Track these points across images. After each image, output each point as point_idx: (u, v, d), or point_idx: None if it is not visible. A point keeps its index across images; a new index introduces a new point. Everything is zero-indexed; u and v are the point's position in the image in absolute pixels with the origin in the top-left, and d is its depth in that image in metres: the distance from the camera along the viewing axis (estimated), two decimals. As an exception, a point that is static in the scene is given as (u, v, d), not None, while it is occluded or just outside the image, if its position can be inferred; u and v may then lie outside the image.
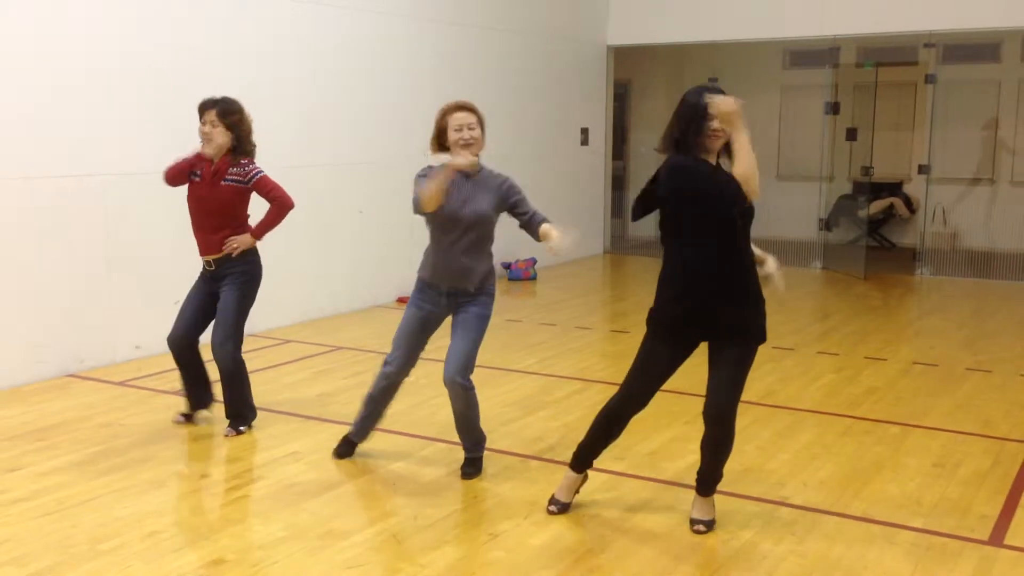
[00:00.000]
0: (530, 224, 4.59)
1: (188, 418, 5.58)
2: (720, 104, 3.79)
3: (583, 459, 4.35)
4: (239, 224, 5.30)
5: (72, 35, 6.52)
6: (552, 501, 4.36)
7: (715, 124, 3.83)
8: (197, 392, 5.54)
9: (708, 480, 4.20)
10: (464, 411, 4.71)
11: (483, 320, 4.67)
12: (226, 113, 5.17)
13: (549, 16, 11.57)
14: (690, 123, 3.88)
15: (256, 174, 5.24)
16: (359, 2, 8.78)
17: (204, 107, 5.21)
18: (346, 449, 5.05)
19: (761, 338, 4.02)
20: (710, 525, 4.17)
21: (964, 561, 3.91)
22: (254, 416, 5.51)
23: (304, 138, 8.31)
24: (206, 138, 5.18)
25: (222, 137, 5.17)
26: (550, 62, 11.61)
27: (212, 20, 7.46)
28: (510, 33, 10.86)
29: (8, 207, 6.26)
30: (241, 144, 5.22)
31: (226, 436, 5.35)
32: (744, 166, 3.82)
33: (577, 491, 4.39)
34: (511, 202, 4.63)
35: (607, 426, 4.24)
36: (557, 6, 11.74)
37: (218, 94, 5.30)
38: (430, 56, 9.67)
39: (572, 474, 4.36)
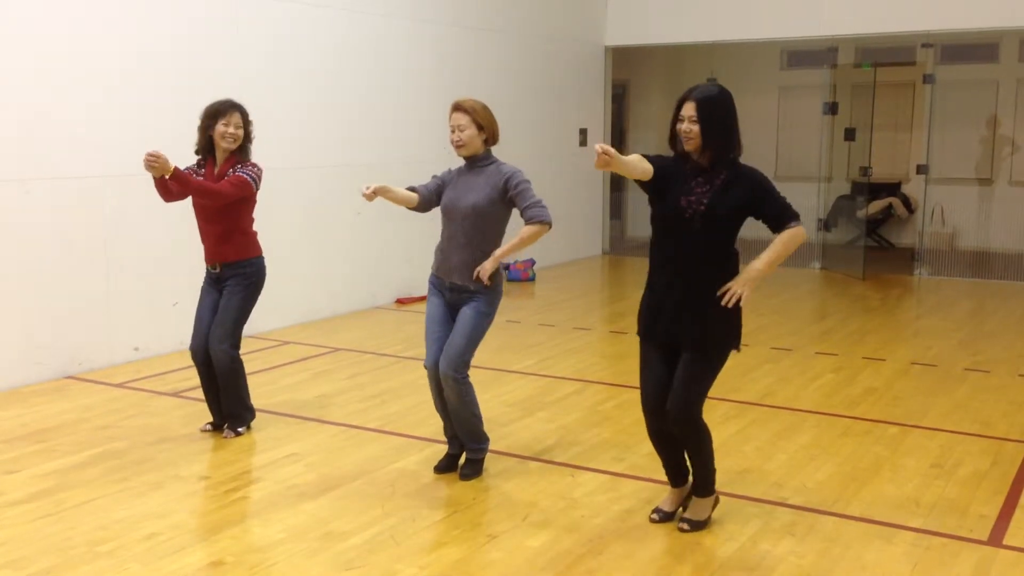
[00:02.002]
0: (525, 218, 4.59)
1: (217, 428, 5.52)
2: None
3: (667, 474, 4.32)
4: (244, 228, 5.30)
5: (71, 36, 6.52)
6: (655, 510, 4.32)
7: (682, 126, 3.90)
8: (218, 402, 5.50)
9: (695, 480, 4.21)
10: (456, 405, 4.66)
11: (479, 316, 4.62)
12: (246, 117, 5.25)
13: (547, 17, 11.57)
14: (673, 120, 3.98)
15: (244, 167, 5.20)
16: (358, 3, 8.78)
17: (228, 109, 5.20)
18: (447, 463, 4.88)
19: (702, 347, 3.98)
20: (695, 526, 4.16)
21: (963, 561, 3.91)
22: (252, 417, 5.50)
23: (303, 139, 8.30)
24: (232, 138, 5.19)
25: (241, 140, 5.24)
26: (548, 63, 11.61)
27: (212, 21, 7.46)
28: (508, 34, 10.86)
29: (7, 208, 6.25)
30: (245, 149, 5.26)
31: (224, 437, 5.36)
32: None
33: (683, 505, 4.29)
34: (510, 195, 4.58)
35: (650, 434, 4.22)
36: (555, 7, 11.74)
37: (217, 96, 5.30)
38: (429, 57, 9.68)
39: (672, 489, 4.33)
